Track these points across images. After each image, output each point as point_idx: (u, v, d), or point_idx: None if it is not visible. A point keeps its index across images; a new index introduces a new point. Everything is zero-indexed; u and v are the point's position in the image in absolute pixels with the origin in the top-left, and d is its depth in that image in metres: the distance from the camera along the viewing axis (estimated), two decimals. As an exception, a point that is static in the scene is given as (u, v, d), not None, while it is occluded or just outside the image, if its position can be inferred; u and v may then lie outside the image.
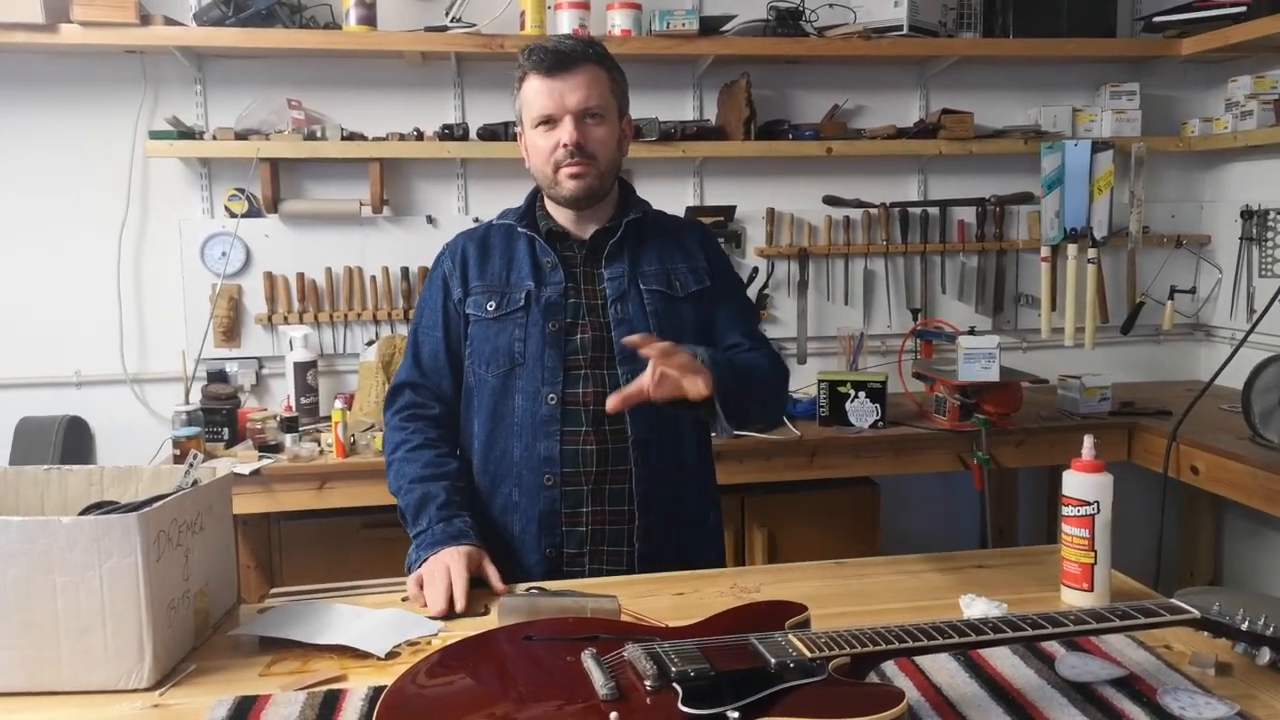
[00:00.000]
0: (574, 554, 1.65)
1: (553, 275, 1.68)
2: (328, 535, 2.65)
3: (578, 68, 1.61)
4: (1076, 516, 1.38)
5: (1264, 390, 2.48)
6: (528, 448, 1.64)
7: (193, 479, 1.40)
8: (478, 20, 2.88)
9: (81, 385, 2.98)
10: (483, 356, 1.68)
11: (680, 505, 1.71)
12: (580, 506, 1.64)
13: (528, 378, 1.64)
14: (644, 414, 1.62)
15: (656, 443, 1.66)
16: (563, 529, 1.64)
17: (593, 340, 1.65)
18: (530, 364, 1.64)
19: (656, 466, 1.66)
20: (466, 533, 1.56)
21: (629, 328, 1.63)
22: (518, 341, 1.66)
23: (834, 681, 1.04)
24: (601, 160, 1.64)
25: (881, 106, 3.30)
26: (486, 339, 1.68)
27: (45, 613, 1.18)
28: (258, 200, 2.96)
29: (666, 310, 1.68)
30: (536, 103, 1.62)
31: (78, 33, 2.65)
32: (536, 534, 1.65)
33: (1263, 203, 3.19)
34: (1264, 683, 1.16)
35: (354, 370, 3.03)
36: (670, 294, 1.70)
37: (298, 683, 1.20)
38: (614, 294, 1.67)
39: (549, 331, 1.64)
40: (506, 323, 1.67)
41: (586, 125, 1.62)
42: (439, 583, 1.45)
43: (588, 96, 1.61)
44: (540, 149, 1.64)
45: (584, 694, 1.02)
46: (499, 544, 1.65)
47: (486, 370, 1.68)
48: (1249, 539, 3.28)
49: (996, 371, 2.68)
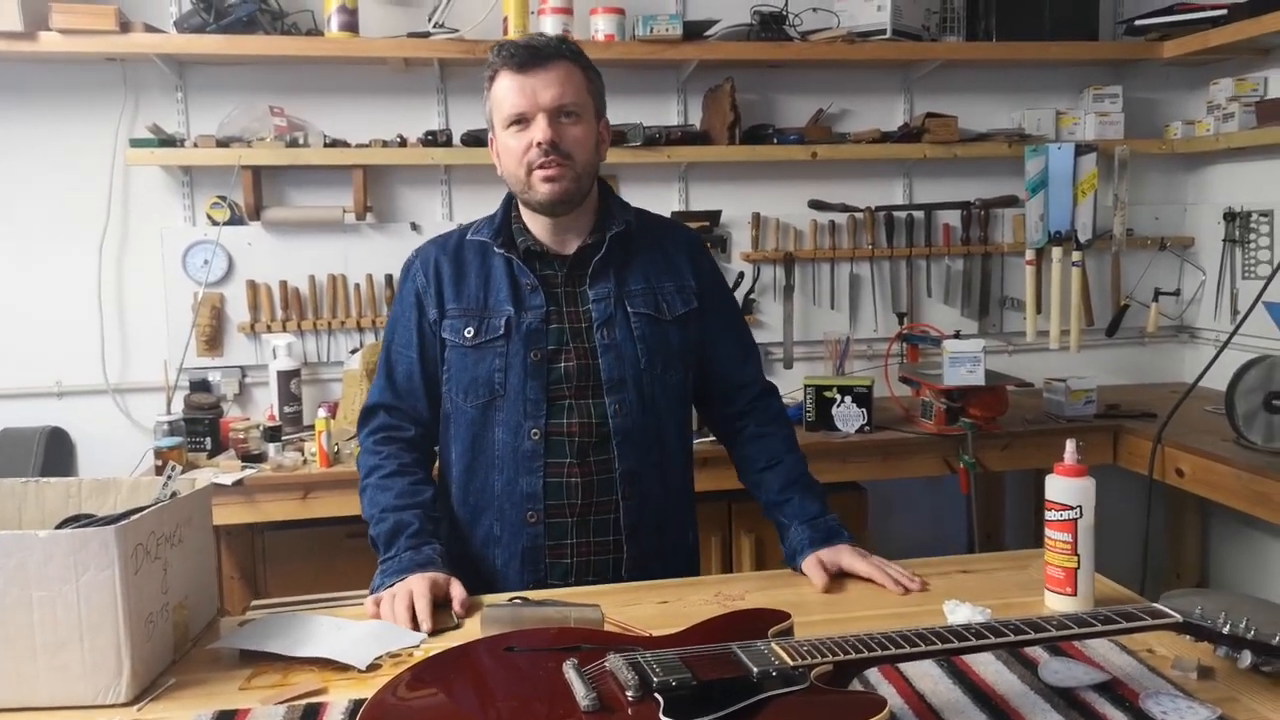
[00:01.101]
0: (558, 585, 1.60)
1: (533, 299, 1.60)
2: (312, 545, 2.63)
3: (551, 64, 1.53)
4: (1059, 521, 1.38)
5: (1247, 392, 2.49)
6: (510, 482, 1.59)
7: (171, 491, 1.38)
8: (460, 26, 2.87)
9: (62, 395, 2.96)
10: (461, 385, 1.61)
11: (666, 530, 1.68)
12: (565, 539, 1.59)
13: (509, 410, 1.58)
14: (632, 444, 1.59)
15: (645, 472, 1.62)
16: (546, 562, 1.60)
17: (578, 369, 1.58)
18: (511, 396, 1.57)
19: (644, 496, 1.62)
20: (434, 559, 1.50)
21: (616, 354, 1.59)
22: (497, 372, 1.58)
23: (816, 690, 1.03)
24: (578, 161, 1.55)
25: (866, 110, 3.30)
26: (465, 368, 1.60)
27: (21, 627, 1.16)
28: (240, 208, 2.95)
29: (654, 335, 1.62)
30: (508, 101, 1.54)
31: (57, 40, 2.63)
32: (519, 569, 1.60)
33: (1245, 205, 3.20)
34: (1246, 686, 1.16)
35: (338, 379, 3.02)
36: (657, 317, 1.63)
37: (278, 696, 1.19)
38: (600, 317, 1.60)
39: (531, 362, 1.57)
40: (486, 351, 1.59)
41: (561, 124, 1.53)
42: (400, 603, 1.41)
43: (562, 93, 1.53)
44: (512, 150, 1.56)
45: (565, 705, 1.01)
46: (481, 576, 1.61)
47: (465, 400, 1.61)
48: (1234, 541, 3.29)
49: (982, 375, 2.68)
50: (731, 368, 1.74)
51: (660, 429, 1.64)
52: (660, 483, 1.65)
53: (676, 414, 1.68)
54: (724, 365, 1.74)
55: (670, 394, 1.65)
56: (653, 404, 1.62)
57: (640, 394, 1.61)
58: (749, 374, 1.76)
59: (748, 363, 1.76)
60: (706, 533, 2.68)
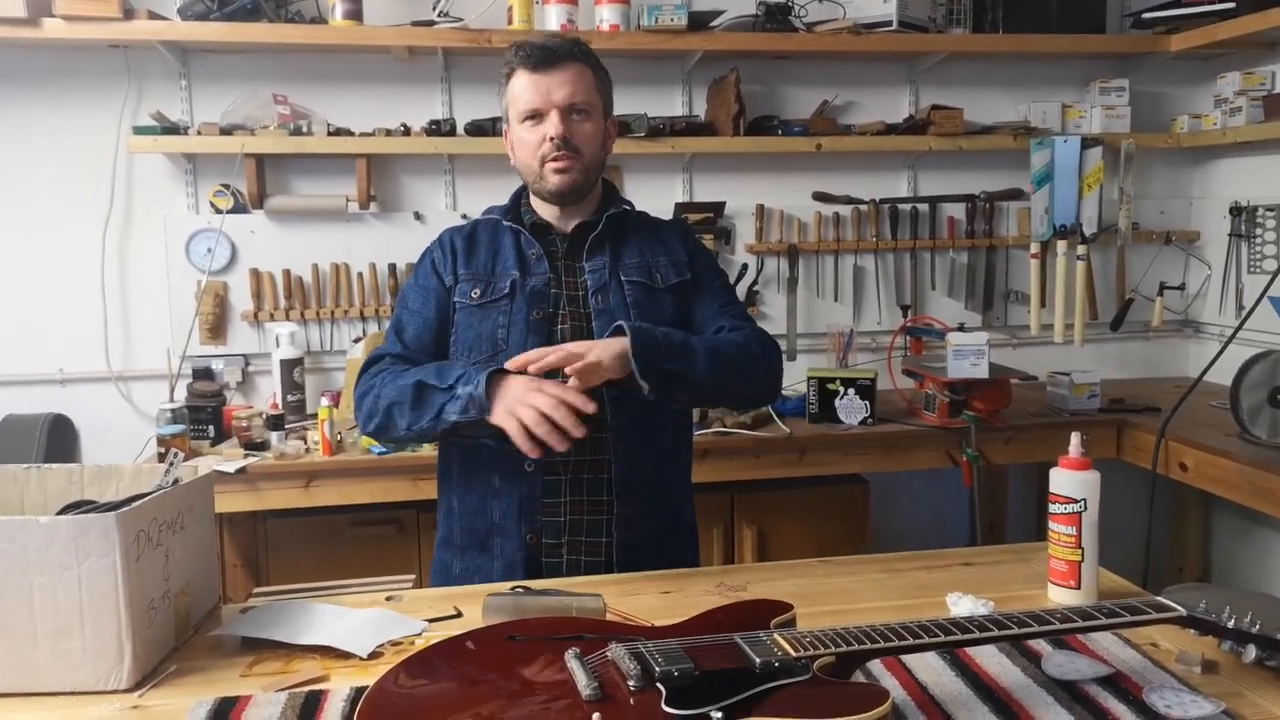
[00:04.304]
0: (552, 544, 1.64)
1: (538, 266, 1.70)
2: (315, 534, 2.63)
3: (565, 64, 1.65)
4: (1063, 514, 1.37)
5: (1252, 387, 2.48)
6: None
7: (173, 478, 1.38)
8: (465, 15, 2.87)
9: (65, 383, 2.96)
10: (466, 343, 1.69)
11: (658, 496, 1.71)
12: (559, 496, 1.64)
13: None
14: (624, 403, 1.62)
15: (636, 432, 1.66)
16: (541, 518, 1.64)
17: (573, 330, 1.66)
18: (512, 350, 1.63)
19: (636, 456, 1.65)
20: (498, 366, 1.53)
21: (609, 318, 1.65)
22: (500, 328, 1.66)
23: (819, 681, 1.03)
24: (586, 155, 1.67)
25: (871, 102, 3.29)
26: (470, 325, 1.69)
27: (23, 613, 1.16)
28: (243, 196, 2.94)
29: (647, 301, 1.69)
30: (524, 97, 1.66)
31: (60, 27, 2.62)
32: (517, 519, 1.64)
33: (1251, 199, 3.19)
34: (1250, 680, 1.16)
35: (341, 367, 3.02)
36: (651, 285, 1.71)
37: (279, 683, 1.19)
38: (595, 285, 1.69)
39: (533, 319, 1.66)
40: (490, 309, 1.68)
41: (572, 120, 1.65)
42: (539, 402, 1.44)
43: (574, 92, 1.65)
44: (526, 143, 1.67)
45: (567, 694, 1.01)
46: (479, 533, 1.66)
47: (468, 357, 1.68)
48: (1238, 535, 3.29)
49: (986, 368, 2.68)
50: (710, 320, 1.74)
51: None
52: (652, 442, 1.69)
53: None
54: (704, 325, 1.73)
55: None
56: None
57: None
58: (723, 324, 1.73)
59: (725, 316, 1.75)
60: (708, 524, 2.69)
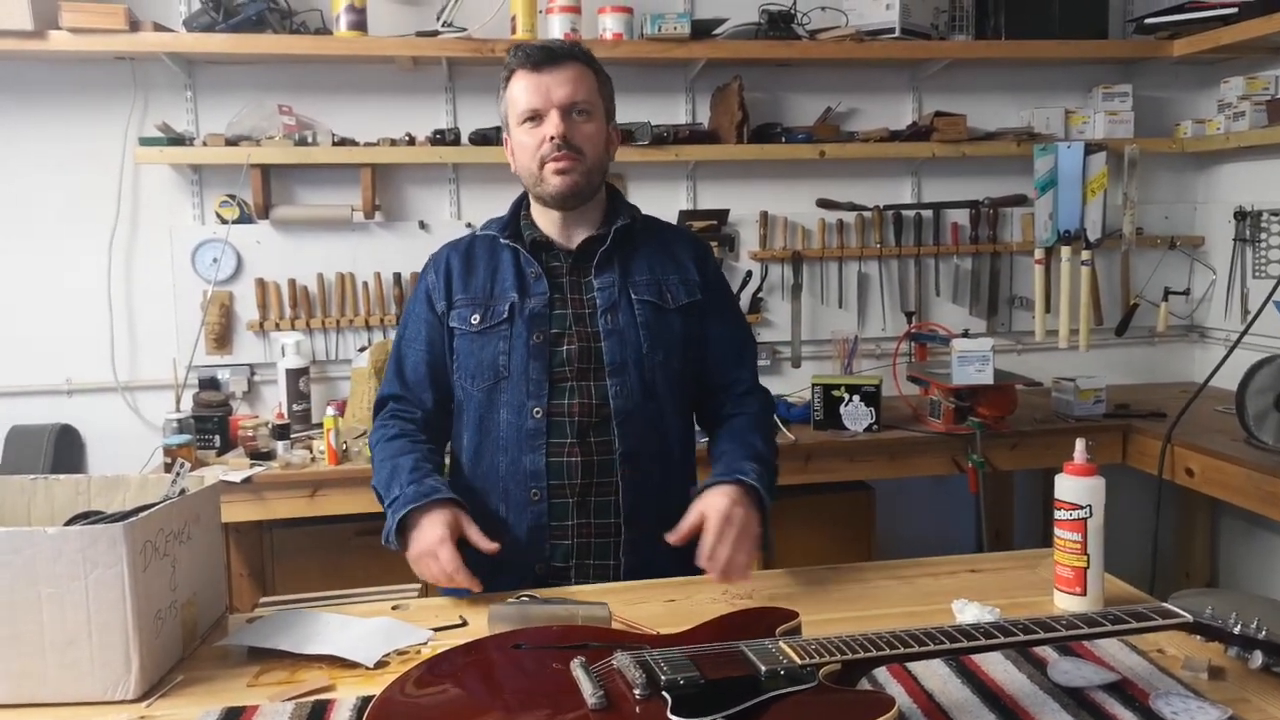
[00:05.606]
0: (560, 568, 1.62)
1: (537, 286, 1.65)
2: (320, 543, 2.64)
3: (565, 63, 1.61)
4: (1069, 520, 1.37)
5: (1258, 392, 2.48)
6: (514, 462, 1.62)
7: (180, 488, 1.39)
8: (469, 25, 2.88)
9: (72, 393, 2.97)
10: (468, 371, 1.66)
11: (665, 517, 1.65)
12: (566, 520, 1.62)
13: (512, 391, 1.62)
14: (632, 425, 1.61)
15: (644, 455, 1.64)
16: (549, 543, 1.62)
17: (579, 351, 1.62)
18: (515, 377, 1.62)
19: (643, 479, 1.63)
20: (438, 489, 1.54)
21: (619, 338, 1.62)
22: (502, 355, 1.63)
23: (824, 689, 1.03)
24: (589, 157, 1.61)
25: (874, 109, 3.30)
26: (471, 353, 1.66)
27: (30, 624, 1.16)
28: (249, 206, 2.95)
29: (657, 322, 1.66)
30: (523, 98, 1.61)
31: (67, 39, 2.64)
32: (524, 549, 1.62)
33: (1256, 204, 3.19)
34: (1257, 687, 1.15)
35: (346, 376, 3.02)
36: (661, 305, 1.67)
37: (286, 693, 1.19)
38: (604, 304, 1.64)
39: (533, 343, 1.62)
40: (490, 336, 1.64)
41: (573, 120, 1.60)
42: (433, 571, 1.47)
43: (575, 91, 1.60)
44: (526, 145, 1.62)
45: (573, 703, 1.01)
46: (486, 559, 1.60)
47: (472, 384, 1.66)
48: (1244, 541, 3.28)
49: (991, 374, 2.68)
50: (727, 366, 1.75)
51: (660, 414, 1.66)
52: (660, 467, 1.67)
53: (677, 401, 1.69)
54: (719, 364, 1.75)
55: (671, 380, 1.67)
56: (653, 389, 1.65)
57: (642, 378, 1.64)
58: (742, 376, 1.76)
59: (743, 366, 1.77)
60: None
